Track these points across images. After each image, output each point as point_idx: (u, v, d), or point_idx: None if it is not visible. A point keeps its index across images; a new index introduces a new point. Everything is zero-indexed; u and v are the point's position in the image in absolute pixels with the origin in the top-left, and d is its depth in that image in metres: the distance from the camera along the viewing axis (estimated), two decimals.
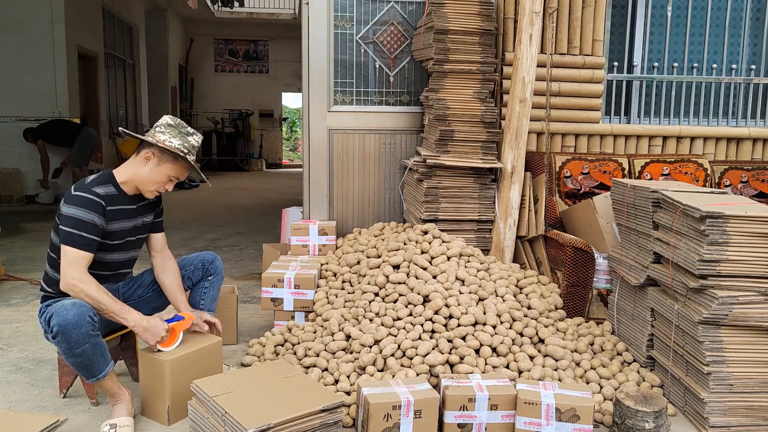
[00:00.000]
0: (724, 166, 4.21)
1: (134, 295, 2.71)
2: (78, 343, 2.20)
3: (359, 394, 2.34)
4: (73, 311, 2.18)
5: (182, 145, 2.48)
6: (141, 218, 2.60)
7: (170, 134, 2.48)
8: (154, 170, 2.48)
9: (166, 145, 2.45)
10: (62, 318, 2.17)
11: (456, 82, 3.83)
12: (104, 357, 2.31)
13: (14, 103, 8.03)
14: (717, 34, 4.57)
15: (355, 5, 4.28)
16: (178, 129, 2.50)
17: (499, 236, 3.74)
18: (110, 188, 2.46)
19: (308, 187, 4.41)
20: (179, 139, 2.48)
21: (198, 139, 2.56)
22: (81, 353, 2.22)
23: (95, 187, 2.42)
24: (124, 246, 2.57)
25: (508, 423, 2.33)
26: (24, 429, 2.00)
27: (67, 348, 2.21)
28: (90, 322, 2.21)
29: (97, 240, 2.37)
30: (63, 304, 2.23)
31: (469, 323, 2.81)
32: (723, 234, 2.42)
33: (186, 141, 2.50)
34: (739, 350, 2.48)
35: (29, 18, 7.94)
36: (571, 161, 4.04)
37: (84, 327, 2.19)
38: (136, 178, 2.50)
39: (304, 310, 3.39)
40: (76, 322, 2.17)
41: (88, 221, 2.34)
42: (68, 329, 2.17)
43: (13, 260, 5.02)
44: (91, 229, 2.35)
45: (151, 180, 2.49)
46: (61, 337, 2.19)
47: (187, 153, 2.49)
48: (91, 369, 2.29)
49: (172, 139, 2.47)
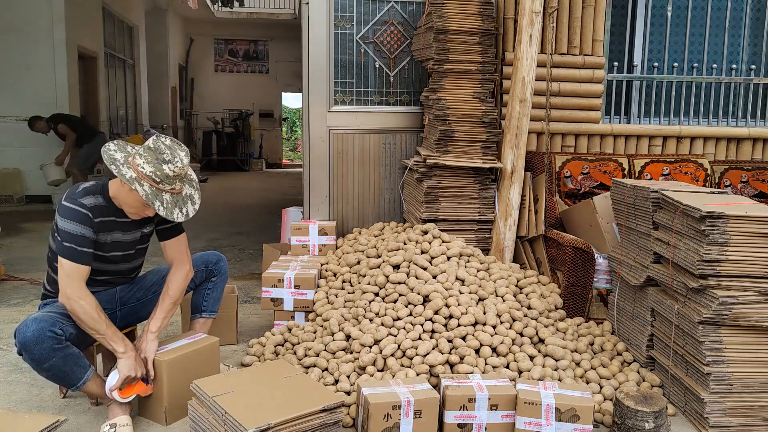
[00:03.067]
0: (724, 166, 4.21)
1: (133, 298, 2.68)
2: (43, 358, 2.19)
3: (359, 394, 2.34)
4: (32, 327, 2.17)
5: (154, 173, 2.25)
6: (140, 230, 2.53)
7: (145, 159, 2.26)
8: (128, 195, 2.33)
9: (137, 170, 2.25)
10: (22, 335, 2.17)
11: (456, 82, 3.83)
12: (79, 365, 2.29)
13: (14, 103, 8.02)
14: (717, 34, 4.56)
15: (355, 5, 4.28)
16: (155, 154, 2.27)
17: (499, 236, 3.74)
18: (99, 199, 2.37)
19: (308, 187, 4.41)
20: (152, 166, 2.25)
21: (174, 168, 2.27)
22: (50, 367, 2.22)
23: (84, 197, 2.34)
24: (122, 258, 2.53)
25: (508, 423, 2.33)
26: (24, 429, 2.00)
27: (34, 365, 2.21)
28: (51, 336, 2.18)
29: (90, 252, 2.34)
30: (25, 321, 2.21)
31: (469, 323, 2.81)
32: (723, 234, 2.42)
33: (159, 169, 2.25)
34: (739, 350, 2.48)
35: (29, 18, 7.94)
36: (571, 161, 4.04)
37: (45, 342, 2.17)
38: (118, 197, 2.39)
39: (304, 310, 3.39)
40: (35, 339, 2.16)
41: (77, 234, 2.29)
42: (29, 346, 2.16)
43: (13, 260, 5.01)
44: (83, 242, 2.30)
45: (126, 203, 2.37)
46: (26, 355, 2.20)
47: (160, 182, 2.26)
48: (67, 379, 2.29)
49: (145, 166, 2.25)
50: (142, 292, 2.70)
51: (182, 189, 2.36)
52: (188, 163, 2.34)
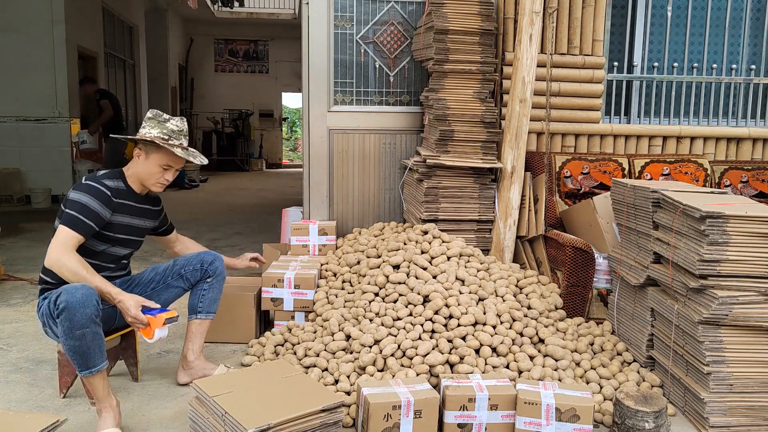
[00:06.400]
0: (724, 166, 4.21)
1: (132, 293, 2.70)
2: (80, 324, 2.20)
3: (359, 394, 2.34)
4: (81, 291, 2.23)
5: (161, 132, 2.58)
6: (144, 220, 2.72)
7: (150, 126, 2.59)
8: (146, 163, 2.60)
9: (146, 136, 2.56)
10: (70, 295, 2.21)
11: (456, 82, 3.83)
12: (101, 351, 2.30)
13: (14, 103, 8.01)
14: (717, 34, 4.56)
15: (355, 5, 4.28)
16: (156, 119, 2.61)
17: (499, 236, 3.74)
18: (119, 183, 2.60)
19: (308, 187, 4.41)
20: (158, 129, 2.58)
21: (177, 122, 2.63)
22: (81, 336, 2.22)
23: (105, 179, 2.56)
24: (124, 242, 2.65)
25: (508, 423, 2.33)
26: (24, 429, 2.00)
27: (68, 328, 2.21)
28: (95, 306, 2.24)
29: (94, 227, 2.45)
30: (73, 285, 2.27)
31: (469, 323, 2.81)
32: (723, 234, 2.42)
33: (164, 128, 2.59)
34: (739, 350, 2.48)
35: (29, 18, 7.93)
36: (571, 161, 4.04)
37: (89, 308, 2.21)
38: (137, 175, 2.63)
39: (304, 310, 3.39)
40: (82, 302, 2.20)
41: (92, 208, 2.44)
42: (74, 307, 2.19)
43: (13, 260, 5.02)
44: (93, 217, 2.45)
45: (147, 173, 2.61)
46: (66, 315, 2.20)
47: (168, 138, 2.58)
48: (87, 359, 2.27)
49: (151, 130, 2.58)
50: (140, 288, 2.76)
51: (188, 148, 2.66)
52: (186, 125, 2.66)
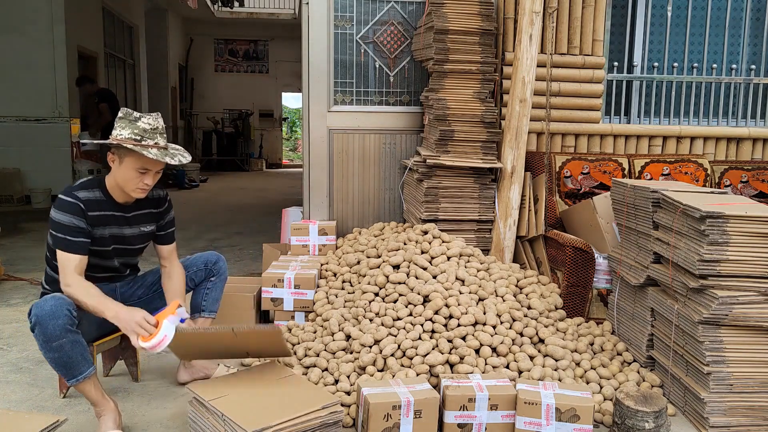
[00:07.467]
0: (724, 166, 4.21)
1: (134, 295, 2.71)
2: (54, 335, 2.18)
3: (359, 394, 2.34)
4: (50, 303, 2.19)
5: (132, 133, 2.34)
6: (138, 227, 2.57)
7: (120, 127, 2.36)
8: (121, 169, 2.39)
9: (117, 139, 2.35)
10: (39, 309, 2.19)
11: (456, 82, 3.83)
12: (85, 358, 2.28)
13: (14, 103, 8.02)
14: (717, 34, 4.56)
15: (355, 5, 4.28)
16: (126, 119, 2.37)
17: (499, 236, 3.73)
18: (96, 193, 2.43)
19: (308, 187, 4.41)
20: (128, 129, 2.35)
21: (149, 120, 2.38)
22: (59, 347, 2.20)
23: (79, 191, 2.39)
24: (119, 252, 2.55)
25: (508, 423, 2.33)
26: (24, 429, 2.00)
27: (44, 341, 2.19)
28: (67, 315, 2.19)
29: (84, 241, 2.36)
30: (44, 297, 2.25)
31: (469, 323, 2.80)
32: (723, 234, 2.42)
33: (135, 127, 2.35)
34: (739, 350, 2.48)
35: (29, 18, 7.93)
36: (571, 161, 4.04)
37: (60, 319, 2.17)
38: (115, 181, 2.44)
39: (304, 310, 3.39)
40: (52, 313, 2.17)
41: (67, 224, 2.33)
42: (45, 320, 2.17)
43: (13, 260, 5.01)
44: (74, 232, 2.33)
45: (124, 179, 2.40)
46: (39, 329, 2.19)
47: (141, 138, 2.34)
48: (71, 368, 2.25)
49: (122, 131, 2.35)
50: (143, 290, 2.74)
51: (167, 147, 2.44)
52: (161, 122, 2.42)
